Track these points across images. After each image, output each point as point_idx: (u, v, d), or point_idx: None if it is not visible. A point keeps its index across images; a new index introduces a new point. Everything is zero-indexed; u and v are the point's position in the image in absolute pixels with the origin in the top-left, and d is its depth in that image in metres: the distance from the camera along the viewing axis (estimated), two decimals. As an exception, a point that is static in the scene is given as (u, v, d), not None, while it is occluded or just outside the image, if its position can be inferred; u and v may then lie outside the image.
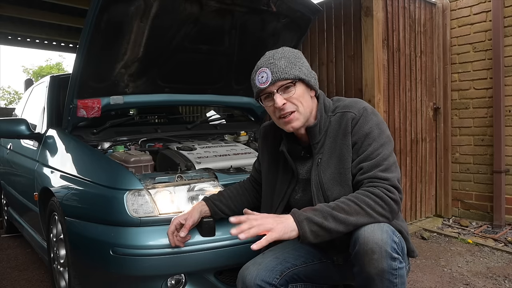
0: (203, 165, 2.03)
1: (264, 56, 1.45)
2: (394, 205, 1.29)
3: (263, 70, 1.40)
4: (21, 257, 3.21)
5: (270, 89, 1.39)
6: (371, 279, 1.24)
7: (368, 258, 1.22)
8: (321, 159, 1.44)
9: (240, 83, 2.84)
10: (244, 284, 1.40)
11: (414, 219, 3.91)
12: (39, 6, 5.48)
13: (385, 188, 1.29)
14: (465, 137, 4.02)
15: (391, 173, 1.33)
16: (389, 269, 1.22)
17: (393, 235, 1.26)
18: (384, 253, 1.21)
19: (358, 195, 1.29)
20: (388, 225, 1.28)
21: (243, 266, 1.46)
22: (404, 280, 1.28)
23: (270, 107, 1.43)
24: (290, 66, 1.39)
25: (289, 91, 1.39)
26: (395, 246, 1.25)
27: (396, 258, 1.24)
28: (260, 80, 1.40)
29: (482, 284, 2.52)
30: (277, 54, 1.42)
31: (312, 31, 3.76)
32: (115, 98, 2.36)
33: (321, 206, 1.28)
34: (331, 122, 1.45)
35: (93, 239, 1.75)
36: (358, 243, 1.24)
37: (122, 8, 1.99)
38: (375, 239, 1.22)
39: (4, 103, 21.37)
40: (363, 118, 1.39)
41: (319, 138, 1.45)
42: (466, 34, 3.97)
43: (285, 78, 1.38)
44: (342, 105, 1.46)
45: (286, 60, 1.40)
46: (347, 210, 1.25)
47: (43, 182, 2.32)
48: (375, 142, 1.37)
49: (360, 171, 1.35)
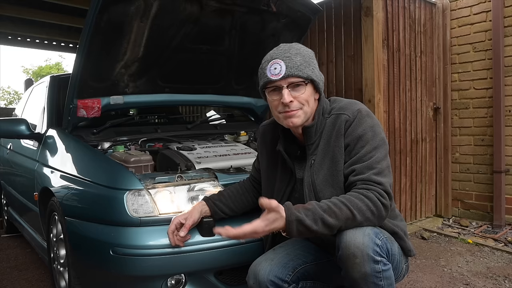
0: (203, 165, 2.03)
1: (279, 48, 1.41)
2: (384, 212, 1.29)
3: (277, 61, 1.36)
4: (21, 257, 3.21)
5: (280, 82, 1.36)
6: (356, 283, 1.24)
7: (351, 263, 1.22)
8: (314, 160, 1.43)
9: (240, 83, 2.84)
10: (257, 279, 1.39)
11: (414, 219, 3.91)
12: (39, 6, 5.48)
13: (378, 193, 1.28)
14: (465, 137, 4.02)
15: (384, 177, 1.32)
16: (372, 273, 1.21)
17: (375, 237, 1.25)
18: (366, 256, 1.21)
19: (352, 198, 1.27)
20: (371, 228, 1.27)
21: (254, 261, 1.46)
22: (391, 281, 1.27)
23: (275, 101, 1.40)
24: (305, 65, 1.37)
25: (298, 89, 1.38)
26: (378, 249, 1.24)
27: (379, 261, 1.23)
28: (272, 71, 1.36)
29: (482, 284, 2.52)
30: (293, 49, 1.39)
31: (312, 31, 3.76)
32: (115, 98, 2.36)
33: (314, 206, 1.26)
34: (326, 124, 1.44)
35: (93, 239, 1.75)
36: (341, 248, 1.24)
37: (122, 8, 1.99)
38: (357, 243, 1.22)
39: (4, 103, 21.39)
40: (356, 121, 1.38)
41: (314, 139, 1.44)
42: (466, 34, 3.96)
43: (299, 76, 1.35)
44: (338, 107, 1.45)
45: (302, 58, 1.37)
46: (338, 215, 1.24)
47: (43, 182, 2.32)
48: (368, 144, 1.35)
49: (353, 173, 1.34)
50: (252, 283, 1.42)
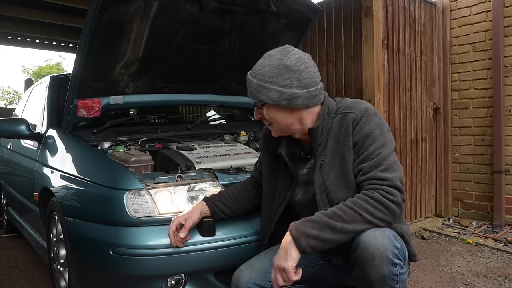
0: (203, 165, 2.03)
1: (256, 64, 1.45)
2: (395, 208, 1.26)
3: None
4: (21, 257, 3.21)
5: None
6: (372, 285, 1.23)
7: (369, 264, 1.21)
8: (323, 161, 1.42)
9: (240, 83, 2.83)
10: (237, 287, 1.42)
11: (414, 219, 3.91)
12: (39, 6, 5.48)
13: (384, 191, 1.26)
14: (465, 137, 4.02)
15: (392, 172, 1.31)
16: (390, 275, 1.21)
17: (394, 240, 1.24)
18: (385, 259, 1.20)
19: (356, 200, 1.27)
20: (390, 230, 1.26)
21: (238, 268, 1.47)
22: (405, 285, 1.27)
23: None
24: (258, 89, 1.38)
25: (259, 110, 1.44)
26: (397, 251, 1.23)
27: (397, 263, 1.22)
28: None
29: (482, 284, 2.52)
30: (257, 67, 1.40)
31: (312, 31, 3.76)
32: (115, 98, 2.35)
33: (318, 216, 1.26)
34: (333, 123, 1.43)
35: (93, 239, 1.75)
36: (359, 248, 1.23)
37: (122, 8, 1.99)
38: (376, 244, 1.20)
39: (4, 103, 21.40)
40: (364, 119, 1.38)
41: (321, 140, 1.43)
42: (466, 34, 3.97)
43: (253, 99, 1.42)
44: (344, 106, 1.45)
45: (259, 79, 1.38)
46: (344, 218, 1.23)
47: (43, 182, 2.32)
48: (376, 142, 1.35)
49: (361, 172, 1.34)
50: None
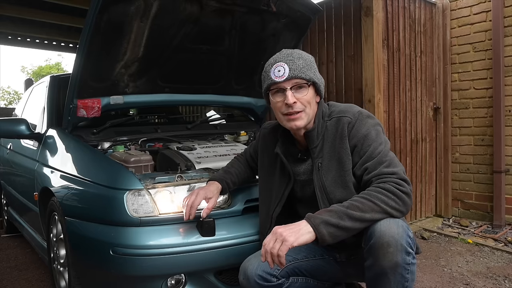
0: (203, 165, 2.03)
1: (281, 53, 1.48)
2: (406, 198, 1.31)
3: (280, 64, 1.42)
4: (21, 257, 3.21)
5: (284, 84, 1.42)
6: (384, 273, 1.25)
7: (384, 251, 1.24)
8: (321, 163, 1.47)
9: (240, 83, 2.84)
10: (246, 275, 1.44)
11: (414, 219, 3.91)
12: (39, 6, 5.48)
13: (394, 183, 1.31)
14: (465, 137, 4.02)
15: (396, 167, 1.36)
16: (403, 263, 1.24)
17: (408, 230, 1.29)
18: (399, 246, 1.24)
19: (370, 192, 1.31)
20: (403, 220, 1.31)
21: (245, 259, 1.50)
22: (414, 277, 1.30)
23: (278, 102, 1.46)
24: (307, 68, 1.43)
25: (301, 91, 1.43)
26: (410, 241, 1.27)
27: (410, 253, 1.26)
28: (276, 74, 1.42)
29: (482, 284, 2.52)
30: (295, 53, 1.46)
31: (312, 31, 3.76)
32: (115, 98, 2.35)
33: (335, 207, 1.30)
34: (328, 127, 1.49)
35: (93, 239, 1.75)
36: (374, 236, 1.26)
37: (122, 8, 1.99)
38: (392, 232, 1.24)
39: (4, 103, 21.40)
40: (359, 122, 1.44)
41: (317, 142, 1.49)
42: (466, 34, 3.97)
43: (302, 78, 1.41)
44: (338, 110, 1.51)
45: (304, 61, 1.44)
46: (361, 208, 1.27)
47: (43, 182, 2.32)
48: (374, 142, 1.41)
49: (366, 171, 1.38)
50: (242, 279, 1.46)
